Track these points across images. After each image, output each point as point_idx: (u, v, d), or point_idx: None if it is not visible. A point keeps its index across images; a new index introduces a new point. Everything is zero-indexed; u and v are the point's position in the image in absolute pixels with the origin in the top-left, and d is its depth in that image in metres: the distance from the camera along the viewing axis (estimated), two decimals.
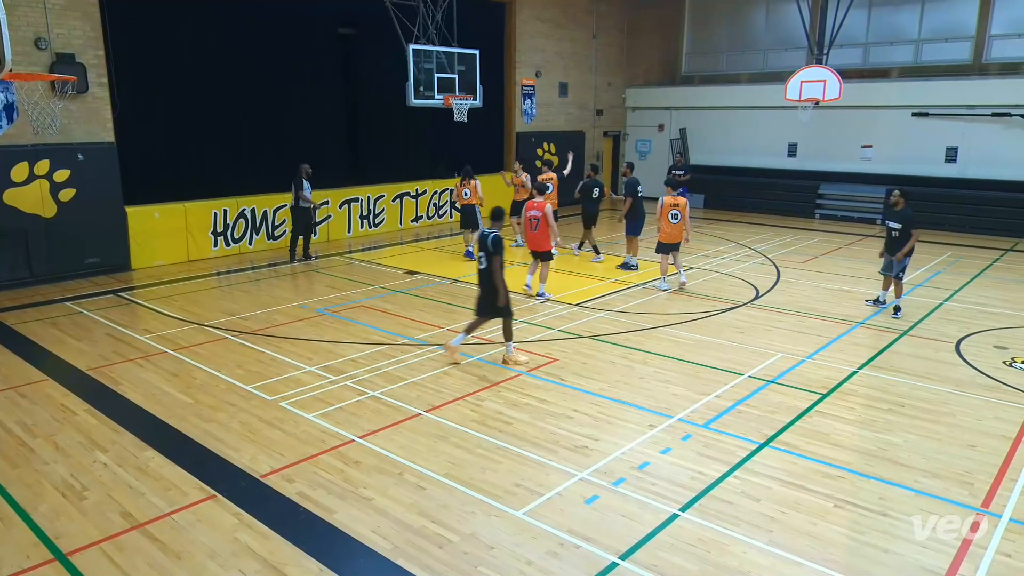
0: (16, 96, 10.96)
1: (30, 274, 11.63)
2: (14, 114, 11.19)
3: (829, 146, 19.72)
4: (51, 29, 11.44)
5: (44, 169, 11.53)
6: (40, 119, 10.41)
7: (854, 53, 19.56)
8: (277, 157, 14.84)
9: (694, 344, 8.79)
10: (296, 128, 15.40)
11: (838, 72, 16.84)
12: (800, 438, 6.24)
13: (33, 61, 11.27)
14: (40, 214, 11.58)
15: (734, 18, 22.08)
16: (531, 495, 5.28)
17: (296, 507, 5.14)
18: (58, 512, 5.07)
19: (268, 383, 7.47)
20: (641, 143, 23.73)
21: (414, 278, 12.31)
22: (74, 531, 4.83)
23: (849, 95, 17.08)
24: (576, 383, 7.51)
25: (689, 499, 5.23)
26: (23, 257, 11.52)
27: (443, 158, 18.13)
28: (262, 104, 14.74)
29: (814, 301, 10.82)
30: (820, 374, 7.79)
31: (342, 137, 16.78)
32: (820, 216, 19.74)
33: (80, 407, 6.92)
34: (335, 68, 16.22)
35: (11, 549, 4.64)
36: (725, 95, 21.59)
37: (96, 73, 12.02)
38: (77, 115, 11.83)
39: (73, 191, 11.84)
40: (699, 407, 6.89)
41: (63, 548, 4.64)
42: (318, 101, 15.78)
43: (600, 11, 21.93)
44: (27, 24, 11.18)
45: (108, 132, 12.29)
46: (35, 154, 11.41)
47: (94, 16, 11.90)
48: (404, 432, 6.33)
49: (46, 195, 11.60)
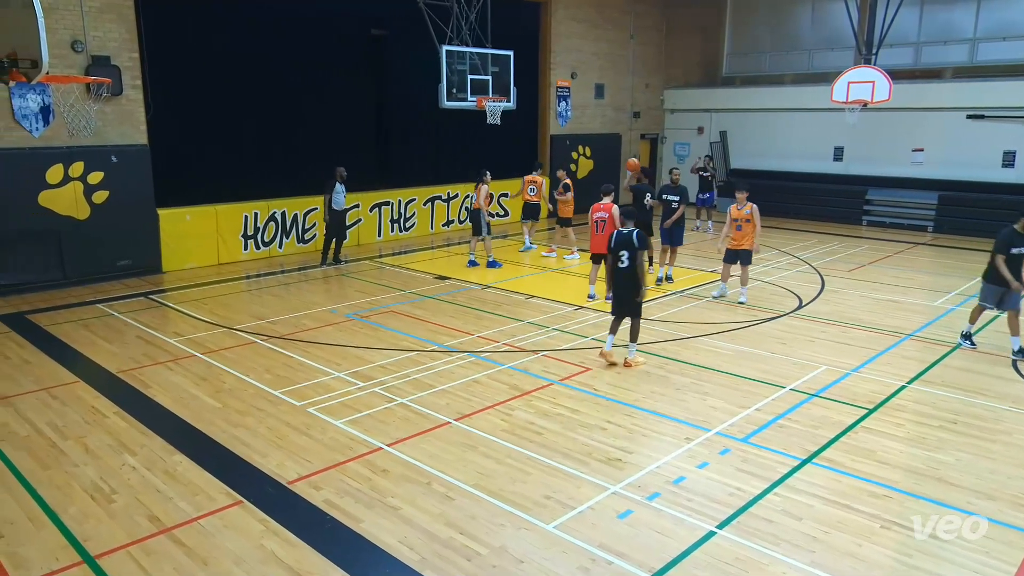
0: (52, 98, 11.38)
1: (63, 276, 11.96)
2: (50, 116, 11.61)
3: (877, 150, 19.37)
4: (87, 32, 11.79)
5: (78, 171, 11.86)
6: (75, 121, 10.73)
7: (905, 53, 19.20)
8: (308, 159, 15.07)
9: (733, 355, 8.69)
10: (327, 130, 15.63)
11: (888, 73, 16.53)
12: (845, 455, 6.13)
13: (69, 64, 11.61)
14: (74, 216, 11.90)
15: (778, 17, 21.85)
16: (562, 508, 5.26)
17: (323, 515, 5.19)
18: (87, 514, 5.20)
19: (296, 388, 7.57)
20: (679, 146, 23.57)
21: (445, 283, 12.38)
22: (102, 534, 4.95)
23: (899, 97, 16.74)
24: (610, 393, 7.47)
25: (727, 516, 5.16)
26: (56, 259, 11.86)
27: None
28: (293, 106, 14.99)
29: (860, 312, 10.63)
30: (866, 388, 7.64)
31: (373, 139, 16.98)
32: (867, 223, 19.39)
33: (110, 409, 7.09)
34: (367, 70, 16.43)
35: (41, 550, 4.77)
36: (768, 97, 21.36)
37: (130, 75, 12.35)
38: (111, 117, 12.16)
39: (106, 193, 12.16)
40: (738, 420, 6.80)
41: (91, 551, 4.75)
42: (349, 103, 16.00)
43: (637, 11, 21.87)
44: (64, 27, 11.53)
45: (141, 134, 12.61)
46: (70, 156, 11.75)
47: (129, 18, 12.24)
48: (433, 440, 6.36)
49: (80, 197, 11.93)
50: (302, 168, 15.00)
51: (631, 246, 8.06)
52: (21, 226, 11.35)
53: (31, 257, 11.67)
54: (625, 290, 8.19)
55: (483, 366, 8.26)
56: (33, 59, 5.69)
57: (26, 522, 5.10)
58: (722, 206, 21.18)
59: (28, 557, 4.69)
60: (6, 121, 11.19)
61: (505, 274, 13.00)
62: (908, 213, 18.88)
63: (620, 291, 8.26)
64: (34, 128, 11.45)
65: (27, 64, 5.73)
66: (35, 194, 11.46)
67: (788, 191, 20.56)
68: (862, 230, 18.73)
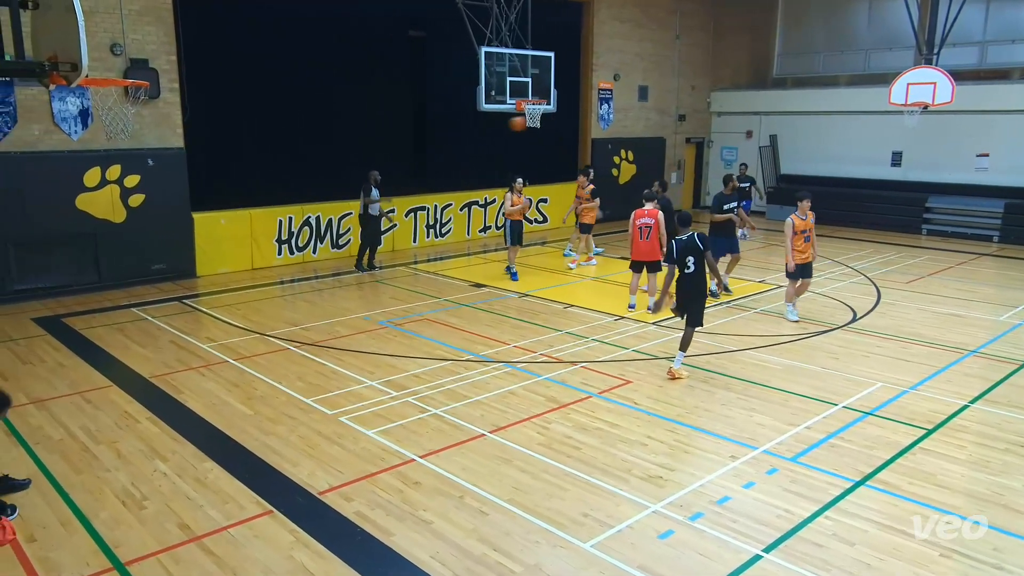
0: (91, 101, 11.74)
1: (98, 279, 12.30)
2: (88, 119, 11.98)
3: (939, 155, 18.94)
4: (126, 35, 12.15)
5: (115, 174, 12.21)
6: (113, 124, 11.06)
7: (969, 52, 18.74)
8: (343, 163, 15.31)
9: (782, 369, 8.54)
10: (363, 134, 15.84)
11: (950, 73, 16.15)
12: (902, 477, 5.97)
13: (108, 67, 11.98)
14: (110, 219, 12.25)
15: (833, 16, 21.52)
16: (600, 526, 5.21)
17: (353, 527, 5.23)
18: (118, 520, 5.32)
19: (328, 396, 7.65)
20: (727, 151, 23.34)
21: (481, 291, 12.42)
22: (133, 540, 5.06)
23: (962, 99, 16.32)
24: (651, 407, 7.40)
25: (774, 539, 5.07)
26: (92, 262, 12.21)
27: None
28: (329, 109, 15.24)
29: (919, 326, 10.37)
30: (925, 407, 7.44)
31: (409, 143, 17.14)
32: (927, 232, 18.93)
33: (143, 415, 7.25)
34: (403, 72, 16.62)
35: (72, 555, 4.89)
36: (821, 99, 21.04)
37: (168, 78, 12.68)
38: (148, 120, 12.49)
39: (142, 196, 12.48)
40: (787, 438, 6.68)
41: (122, 557, 4.85)
42: (386, 106, 16.20)
43: (684, 10, 21.75)
44: (104, 30, 11.90)
45: (178, 137, 12.94)
46: (107, 159, 12.10)
47: (168, 21, 12.58)
48: (467, 453, 6.37)
49: (116, 200, 12.27)
50: (338, 171, 15.22)
51: (696, 250, 8.04)
52: (59, 229, 11.72)
53: (68, 260, 12.04)
54: (692, 297, 8.18)
55: (519, 377, 8.26)
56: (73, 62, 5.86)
57: (58, 526, 5.24)
58: (771, 214, 20.99)
59: (60, 562, 4.82)
60: (46, 124, 11.58)
61: (543, 282, 12.99)
62: (971, 222, 18.38)
63: (686, 298, 8.21)
64: (73, 131, 11.83)
65: (67, 67, 5.90)
66: (73, 197, 11.82)
67: (842, 198, 20.17)
68: (921, 240, 18.30)
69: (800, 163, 21.45)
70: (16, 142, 11.32)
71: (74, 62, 5.87)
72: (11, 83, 11.00)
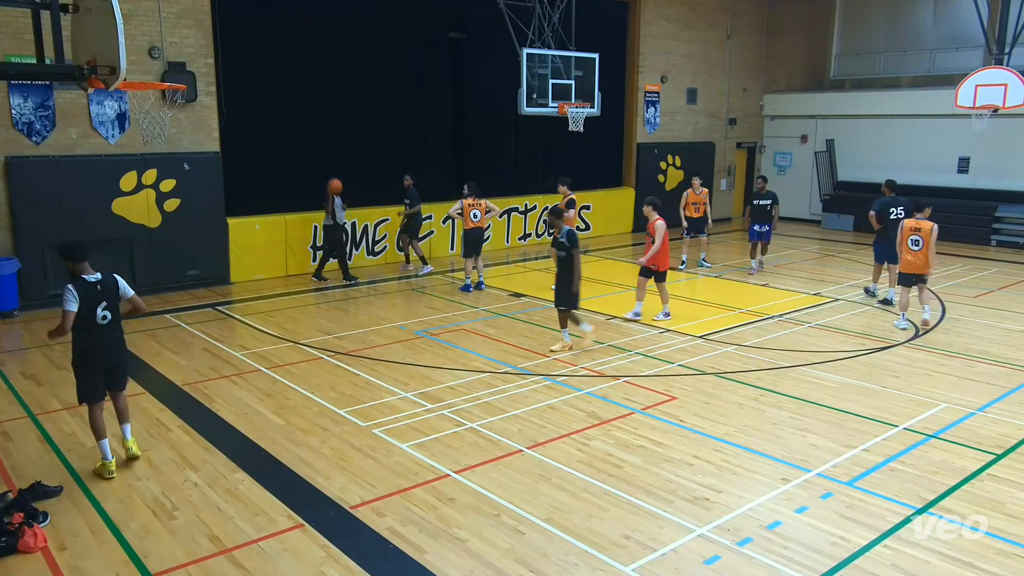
0: (128, 105, 12.09)
1: (133, 284, 12.50)
2: (126, 123, 12.34)
3: (1010, 161, 18.48)
4: (164, 38, 12.49)
5: (151, 178, 12.53)
6: (150, 128, 11.36)
7: None
8: (380, 169, 15.49)
9: (838, 387, 8.38)
10: (401, 138, 15.99)
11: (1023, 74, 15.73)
12: (968, 505, 5.80)
13: (146, 70, 12.33)
14: (145, 224, 12.57)
15: (895, 14, 21.15)
16: (642, 549, 5.16)
17: (385, 543, 5.26)
18: (148, 530, 5.43)
19: (362, 408, 7.72)
20: (780, 156, 23.05)
21: (520, 301, 12.43)
22: (162, 551, 5.16)
23: None
24: (697, 425, 7.31)
25: (828, 568, 4.96)
26: (127, 267, 12.51)
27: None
28: (366, 113, 15.41)
29: (988, 343, 10.09)
30: (994, 430, 7.23)
31: (448, 148, 17.24)
32: (997, 243, 18.45)
33: (174, 423, 7.41)
34: (443, 75, 16.74)
35: (102, 565, 5.00)
36: (882, 102, 20.66)
37: (205, 82, 13.00)
38: (185, 124, 12.81)
39: (178, 201, 12.79)
40: (842, 461, 6.54)
41: (151, 568, 4.95)
42: (424, 110, 16.33)
43: (736, 9, 21.58)
44: (142, 33, 12.26)
45: (214, 141, 13.24)
46: (143, 163, 12.43)
47: (206, 24, 12.90)
48: (503, 469, 6.37)
49: (152, 205, 12.59)
50: (374, 177, 15.40)
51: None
52: (95, 234, 12.00)
53: (103, 265, 12.22)
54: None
55: (559, 391, 8.24)
56: (112, 65, 6.04)
57: (89, 535, 5.37)
58: (828, 223, 20.65)
59: (90, 571, 4.93)
60: (84, 128, 11.95)
61: (586, 292, 12.92)
62: None
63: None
64: (110, 135, 12.19)
65: (106, 70, 6.09)
66: (109, 201, 12.16)
67: None
68: (990, 251, 17.84)
69: (858, 169, 21.08)
70: (54, 145, 11.71)
71: (113, 65, 6.05)
72: (51, 87, 11.41)
